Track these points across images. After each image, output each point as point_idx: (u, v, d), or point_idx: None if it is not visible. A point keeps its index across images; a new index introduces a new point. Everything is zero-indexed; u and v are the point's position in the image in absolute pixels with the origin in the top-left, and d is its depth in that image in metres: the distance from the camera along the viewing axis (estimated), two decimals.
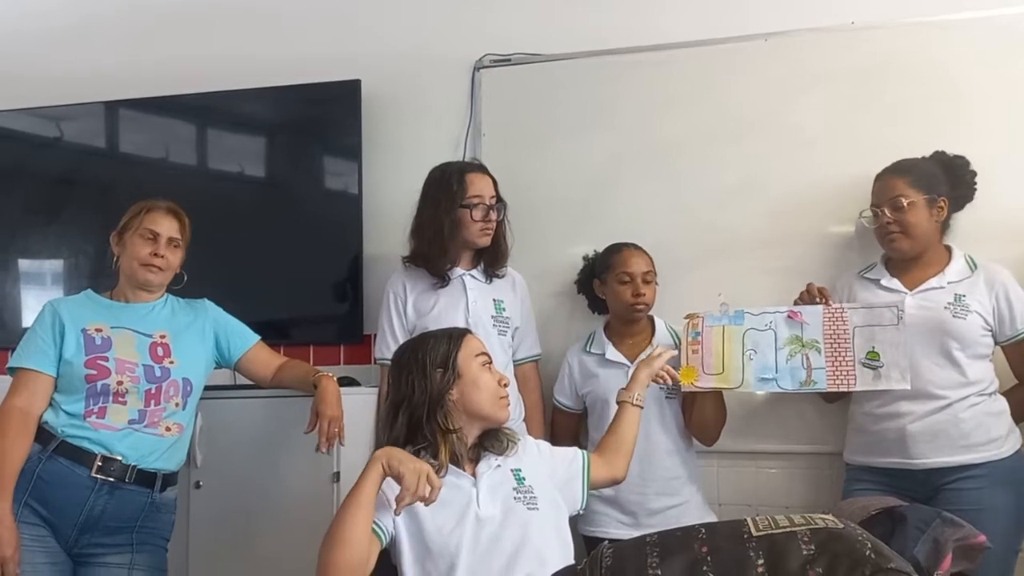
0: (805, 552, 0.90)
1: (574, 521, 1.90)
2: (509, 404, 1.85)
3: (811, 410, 2.48)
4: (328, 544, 1.55)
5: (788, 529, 0.94)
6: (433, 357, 1.79)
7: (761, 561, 0.90)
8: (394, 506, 1.59)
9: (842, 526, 0.94)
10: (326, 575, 1.53)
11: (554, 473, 1.85)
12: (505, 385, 1.84)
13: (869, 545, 0.89)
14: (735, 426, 2.41)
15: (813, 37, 2.61)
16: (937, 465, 2.10)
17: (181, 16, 3.19)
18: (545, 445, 1.93)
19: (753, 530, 0.95)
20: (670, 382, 2.15)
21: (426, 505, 1.60)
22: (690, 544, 0.95)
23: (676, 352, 2.23)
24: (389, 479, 1.62)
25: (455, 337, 1.84)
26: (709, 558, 0.92)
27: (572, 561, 1.67)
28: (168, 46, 3.18)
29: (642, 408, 2.03)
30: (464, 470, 1.75)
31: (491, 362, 1.85)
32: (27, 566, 1.93)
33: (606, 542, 1.05)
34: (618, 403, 2.05)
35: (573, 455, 1.92)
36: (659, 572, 0.93)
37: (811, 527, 0.93)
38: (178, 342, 2.14)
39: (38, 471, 1.98)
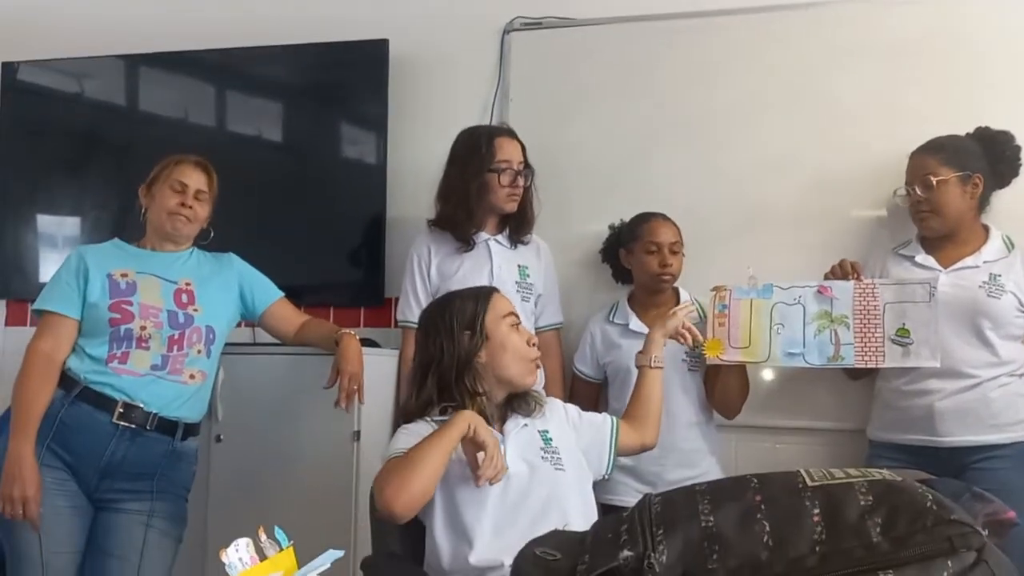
0: (863, 503, 0.88)
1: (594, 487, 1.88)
2: (539, 366, 1.83)
3: (832, 387, 2.44)
4: (405, 472, 1.55)
5: (844, 480, 0.92)
6: (460, 319, 1.77)
7: (817, 511, 0.89)
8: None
9: (900, 479, 0.92)
10: (397, 496, 1.54)
11: (581, 437, 1.85)
12: (534, 344, 1.82)
13: (930, 497, 0.87)
14: (755, 401, 2.39)
15: (855, 7, 2.55)
16: (964, 444, 2.09)
17: None
18: (573, 408, 1.92)
19: (808, 480, 0.93)
20: (690, 340, 2.11)
21: (491, 484, 1.61)
22: (743, 493, 0.94)
23: (692, 308, 2.20)
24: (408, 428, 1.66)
25: (482, 297, 1.82)
26: (763, 506, 0.90)
27: None
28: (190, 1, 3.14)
29: (662, 368, 2.01)
30: (493, 427, 1.74)
31: (519, 322, 1.83)
32: (48, 508, 1.95)
33: (652, 493, 1.04)
34: (637, 367, 2.03)
35: (602, 420, 1.91)
36: (712, 519, 0.91)
37: (869, 479, 0.91)
38: (203, 290, 2.15)
39: (61, 416, 1.99)
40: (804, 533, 0.87)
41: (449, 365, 1.74)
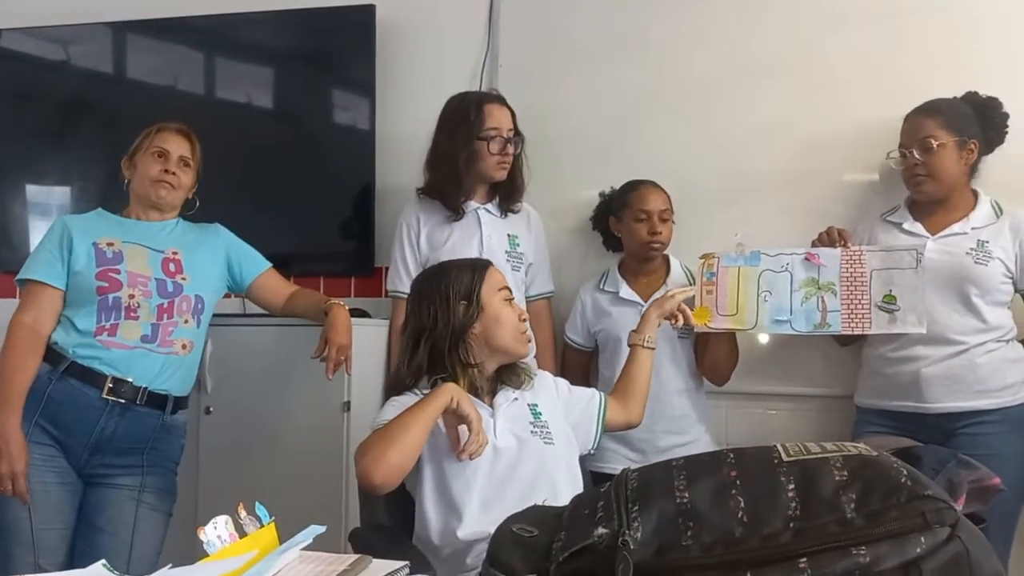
0: (838, 478, 0.88)
1: (583, 458, 1.90)
2: (530, 339, 1.84)
3: (821, 353, 2.46)
4: (383, 442, 1.56)
5: (820, 455, 0.92)
6: (456, 289, 1.77)
7: (792, 486, 0.89)
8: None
9: (876, 454, 0.92)
10: (376, 466, 1.54)
11: (569, 411, 1.85)
12: (524, 320, 1.83)
13: (904, 472, 0.87)
14: (745, 367, 2.39)
15: None
16: (951, 410, 2.10)
17: None
18: (563, 383, 1.92)
19: (784, 455, 0.93)
20: (682, 323, 2.12)
21: (471, 459, 1.63)
22: (718, 468, 0.94)
23: (691, 292, 2.20)
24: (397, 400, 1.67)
25: (479, 269, 1.82)
26: (738, 482, 0.91)
27: None
28: None
29: (653, 350, 2.02)
30: (483, 401, 1.75)
31: (512, 297, 1.84)
32: (37, 484, 1.95)
33: (630, 467, 1.04)
34: (630, 346, 2.03)
35: (591, 396, 1.92)
36: (687, 495, 0.91)
37: (844, 453, 0.91)
38: (190, 259, 2.13)
39: (49, 391, 1.97)
40: (779, 509, 0.87)
41: (443, 334, 1.74)
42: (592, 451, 1.90)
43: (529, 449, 1.70)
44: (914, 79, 2.38)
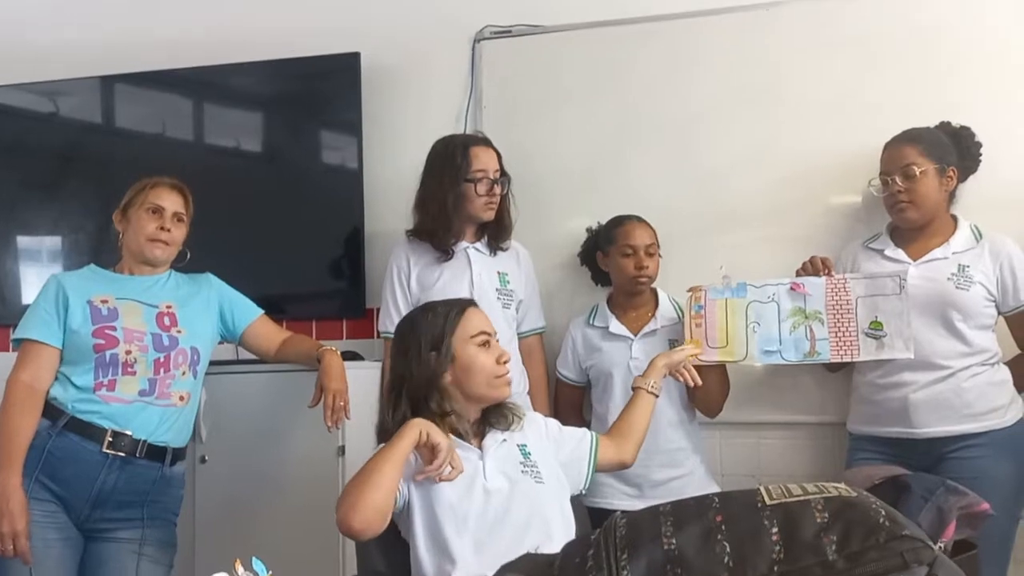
0: (819, 520, 0.91)
1: (577, 496, 1.90)
2: (509, 382, 1.82)
3: (813, 381, 2.49)
4: (357, 486, 1.56)
5: (802, 497, 0.95)
6: (427, 338, 1.77)
7: (776, 529, 0.91)
8: (414, 469, 1.64)
9: (855, 494, 0.94)
10: (353, 512, 1.54)
11: (560, 451, 1.85)
12: (505, 362, 1.80)
13: (883, 512, 0.89)
14: (738, 397, 2.42)
15: (815, 5, 2.58)
16: (939, 434, 2.12)
17: None
18: (554, 423, 1.92)
19: (767, 499, 0.96)
20: (690, 382, 2.11)
21: (441, 480, 1.63)
22: (704, 513, 0.96)
23: (698, 352, 2.20)
24: None
25: (452, 315, 1.80)
26: (723, 527, 0.93)
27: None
28: (164, 20, 3.14)
29: (657, 396, 2.02)
30: (470, 444, 1.75)
31: (490, 339, 1.81)
32: (39, 541, 1.95)
33: (618, 512, 1.06)
34: (633, 389, 2.03)
35: (582, 435, 1.90)
36: (674, 541, 0.93)
37: (824, 495, 0.93)
38: (184, 312, 2.15)
39: (48, 447, 1.98)
40: (763, 552, 0.89)
41: (417, 384, 1.75)
42: (583, 491, 1.89)
43: (520, 489, 1.70)
44: (886, 107, 2.45)
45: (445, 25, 2.90)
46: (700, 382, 2.12)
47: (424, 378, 1.74)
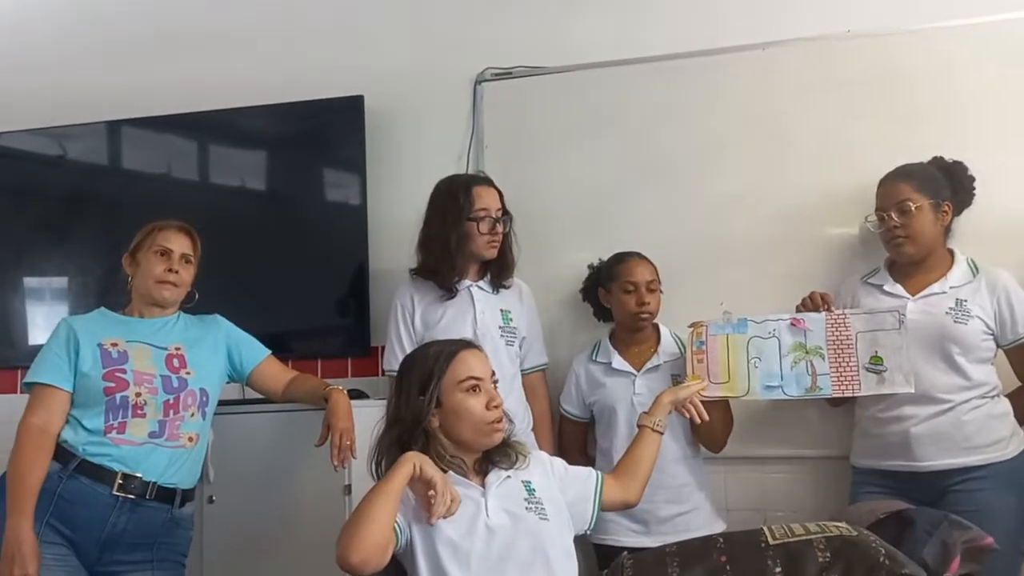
0: (821, 559, 0.93)
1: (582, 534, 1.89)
2: (500, 429, 1.78)
3: (816, 415, 2.51)
4: (354, 522, 1.57)
5: (804, 537, 0.97)
6: (418, 380, 1.78)
7: (779, 569, 0.93)
8: (416, 509, 1.64)
9: (856, 533, 0.97)
10: (351, 547, 1.54)
11: (565, 490, 1.83)
12: (495, 406, 1.77)
13: (883, 551, 0.92)
14: (742, 432, 2.44)
15: (810, 46, 2.65)
16: (941, 467, 2.13)
17: (182, 36, 3.22)
18: (560, 462, 1.91)
19: (770, 539, 0.98)
20: (697, 419, 2.10)
21: (444, 518, 1.63)
22: (709, 553, 0.98)
23: (704, 384, 2.20)
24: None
25: (443, 358, 1.80)
26: (728, 567, 0.95)
27: None
28: (171, 66, 3.20)
29: (662, 434, 2.01)
30: (473, 483, 1.76)
31: (480, 383, 1.78)
32: None
33: (625, 552, 1.08)
34: (639, 427, 2.03)
35: (587, 475, 1.89)
36: None
37: (826, 535, 0.96)
38: (193, 354, 2.18)
39: (59, 490, 2.00)
40: None
41: (406, 427, 1.76)
42: (588, 531, 1.87)
43: (524, 526, 1.70)
44: (881, 144, 2.50)
45: (447, 67, 2.96)
46: (707, 418, 2.11)
47: (412, 421, 1.75)
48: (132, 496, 2.02)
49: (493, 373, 1.85)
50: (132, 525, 2.03)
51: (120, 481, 2.01)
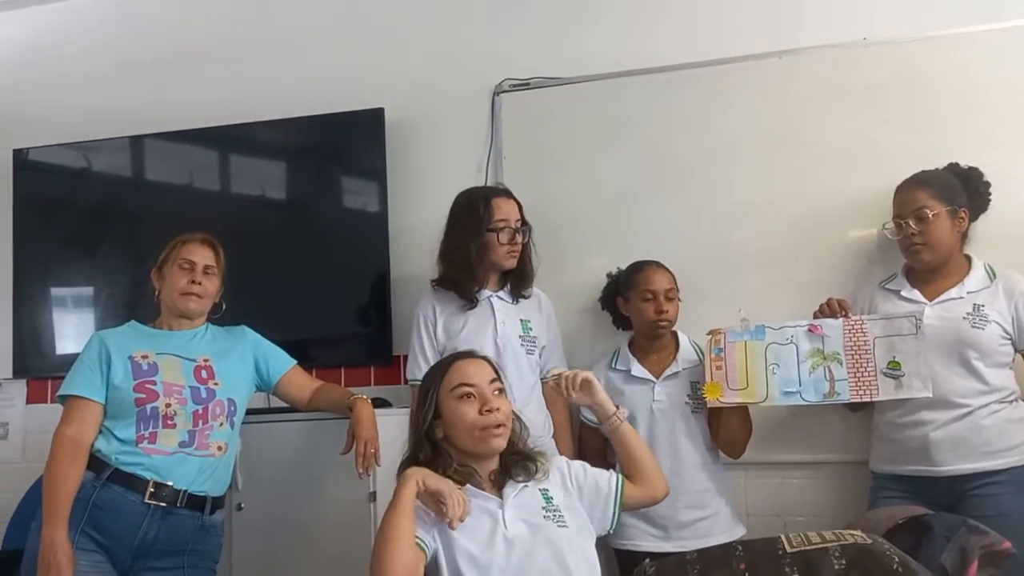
0: (837, 567, 0.96)
1: (604, 537, 1.91)
2: (498, 435, 1.78)
3: (836, 420, 2.52)
4: (379, 551, 1.60)
5: (820, 545, 1.00)
6: (421, 394, 1.84)
7: None
8: (435, 521, 1.66)
9: (871, 541, 0.99)
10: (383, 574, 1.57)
11: (584, 494, 1.85)
12: (490, 411, 1.77)
13: (896, 559, 0.94)
14: (761, 437, 2.46)
15: (826, 54, 2.67)
16: (960, 472, 2.14)
17: (205, 53, 3.28)
18: (579, 465, 1.91)
19: (787, 546, 1.01)
20: (564, 386, 1.98)
21: (462, 520, 1.65)
22: (728, 561, 1.01)
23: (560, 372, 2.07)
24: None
25: (441, 369, 1.85)
26: (747, 574, 0.98)
27: None
28: (192, 83, 3.27)
29: (623, 420, 1.95)
30: (490, 494, 1.78)
31: (473, 390, 1.79)
32: None
33: (647, 560, 1.11)
34: (608, 435, 1.98)
35: (608, 477, 1.90)
36: None
37: (842, 543, 0.98)
38: (220, 365, 2.23)
39: (93, 499, 2.05)
40: None
41: (417, 438, 1.81)
42: (611, 531, 1.89)
43: (543, 534, 1.71)
44: (897, 151, 2.51)
45: (465, 79, 3.00)
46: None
47: (419, 432, 1.80)
48: (164, 504, 2.07)
49: (497, 379, 1.86)
50: (164, 532, 2.08)
51: (152, 489, 2.06)
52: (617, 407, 1.97)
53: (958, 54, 2.57)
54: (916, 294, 2.30)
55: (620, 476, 1.92)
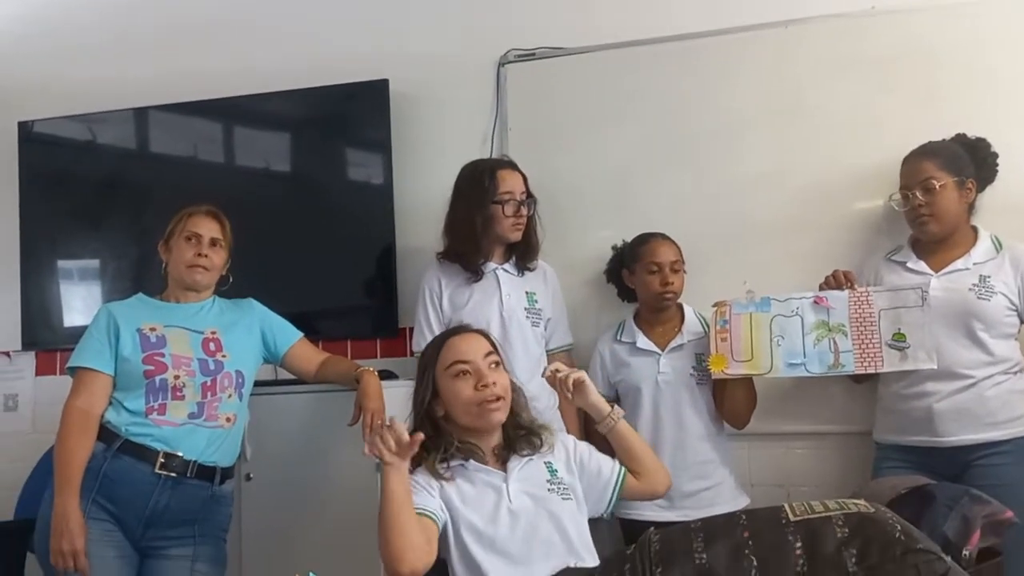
0: (840, 535, 0.97)
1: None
2: (496, 408, 1.79)
3: (840, 391, 2.52)
4: (384, 540, 1.61)
5: (823, 514, 1.01)
6: (419, 372, 1.86)
7: (799, 544, 0.97)
8: (442, 491, 1.69)
9: (873, 510, 1.00)
10: (398, 562, 1.59)
11: (583, 475, 1.86)
12: (485, 386, 1.78)
13: (899, 527, 0.95)
14: (765, 408, 2.46)
15: (833, 23, 2.65)
16: (964, 443, 2.15)
17: (208, 25, 3.26)
18: (584, 447, 1.93)
19: (791, 515, 1.02)
20: (566, 383, 1.93)
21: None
22: (732, 529, 1.02)
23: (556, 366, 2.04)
24: (417, 476, 1.74)
25: (435, 347, 1.87)
26: (751, 542, 0.99)
27: (596, 560, 1.70)
28: (197, 54, 3.25)
29: (619, 420, 1.92)
30: (493, 468, 1.80)
31: (468, 366, 1.80)
32: (97, 559, 2.04)
33: (652, 529, 1.13)
34: (605, 433, 1.94)
35: (612, 465, 1.90)
36: (704, 556, 1.00)
37: (845, 512, 0.99)
38: (228, 337, 2.25)
39: (104, 469, 2.08)
40: (788, 566, 0.96)
41: (417, 416, 1.83)
42: (604, 515, 1.89)
43: (547, 506, 1.74)
44: (904, 122, 2.50)
45: (470, 50, 2.98)
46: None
47: (420, 411, 1.82)
48: (173, 474, 2.10)
49: (493, 351, 1.87)
50: (174, 502, 2.10)
51: (162, 460, 2.09)
52: (612, 406, 1.95)
53: (966, 24, 2.54)
54: (922, 265, 2.30)
55: (622, 468, 1.91)
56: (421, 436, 1.64)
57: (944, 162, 2.27)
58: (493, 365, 1.84)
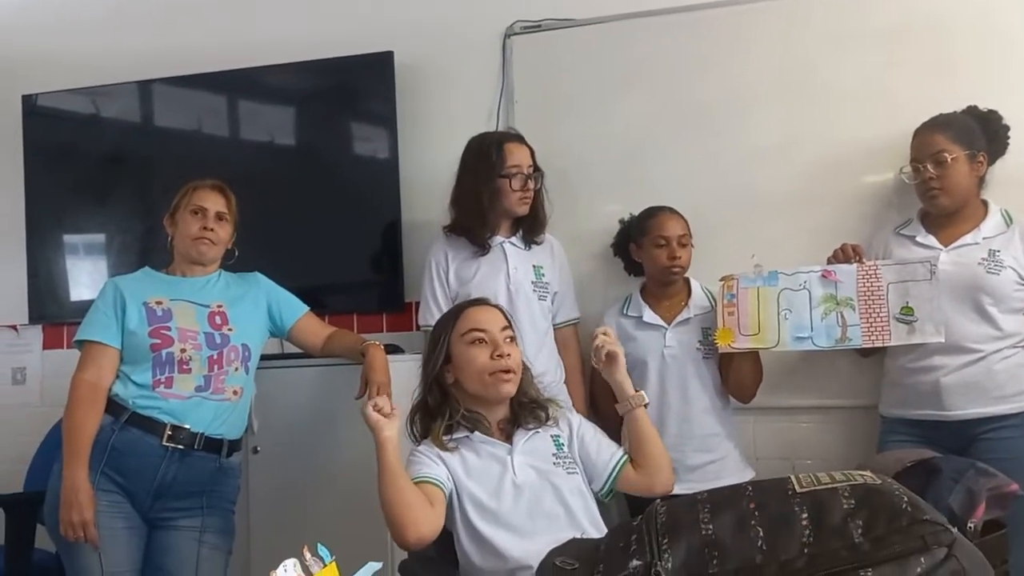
0: (846, 506, 0.97)
1: None
2: (508, 379, 1.80)
3: (846, 365, 2.52)
4: (388, 513, 1.63)
5: (829, 485, 1.01)
6: (433, 339, 1.87)
7: (805, 515, 0.97)
8: (446, 460, 1.71)
9: (880, 481, 1.00)
10: (403, 533, 1.61)
11: (581, 454, 1.86)
12: (500, 356, 1.79)
13: (906, 499, 0.95)
14: (771, 382, 2.46)
15: None
16: (970, 416, 2.15)
17: None
18: (590, 427, 1.92)
19: (797, 487, 1.02)
20: (602, 357, 1.94)
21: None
22: (739, 500, 1.02)
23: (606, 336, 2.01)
24: (422, 447, 1.77)
25: (453, 316, 1.88)
26: (756, 513, 0.99)
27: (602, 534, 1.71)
28: (201, 26, 3.22)
29: (645, 406, 1.90)
30: (499, 440, 1.81)
31: (484, 335, 1.80)
32: (106, 530, 2.06)
33: (658, 501, 1.13)
34: (622, 415, 1.92)
35: (613, 452, 1.88)
36: (711, 526, 1.00)
37: (851, 483, 0.99)
38: (234, 311, 2.25)
39: (112, 441, 2.09)
40: (794, 536, 0.96)
41: (427, 383, 1.85)
42: (599, 494, 1.87)
43: (552, 479, 1.75)
44: (915, 94, 2.47)
45: (476, 21, 2.95)
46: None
47: (430, 377, 1.83)
48: (181, 447, 2.11)
49: (509, 327, 1.88)
50: (182, 474, 2.12)
51: (169, 432, 2.10)
52: (638, 391, 1.91)
53: None
54: (931, 239, 2.28)
55: (624, 457, 1.88)
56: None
57: (956, 135, 2.25)
58: (508, 339, 1.85)
